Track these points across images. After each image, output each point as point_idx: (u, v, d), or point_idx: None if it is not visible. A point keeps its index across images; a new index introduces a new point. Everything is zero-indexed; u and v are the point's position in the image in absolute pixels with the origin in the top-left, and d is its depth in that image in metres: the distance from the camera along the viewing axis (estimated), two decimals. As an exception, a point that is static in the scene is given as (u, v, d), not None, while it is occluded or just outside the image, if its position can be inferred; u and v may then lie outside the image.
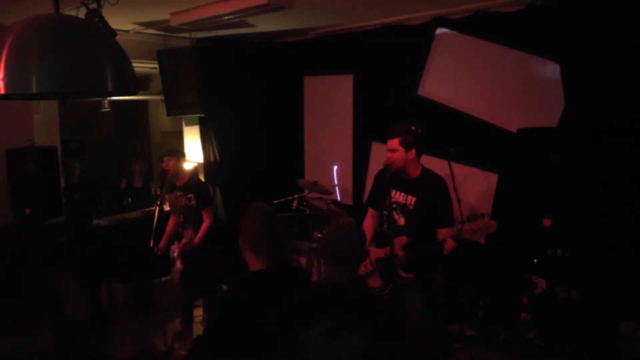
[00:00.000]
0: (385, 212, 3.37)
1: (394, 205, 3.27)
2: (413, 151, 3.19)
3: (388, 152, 3.23)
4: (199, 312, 4.68)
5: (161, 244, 4.41)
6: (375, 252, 3.37)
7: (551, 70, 3.95)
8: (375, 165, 5.03)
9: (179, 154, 4.43)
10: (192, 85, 5.34)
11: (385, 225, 3.40)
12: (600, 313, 3.62)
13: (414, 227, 3.23)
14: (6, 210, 4.06)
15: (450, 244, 2.98)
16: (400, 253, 3.19)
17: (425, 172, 3.28)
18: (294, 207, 4.98)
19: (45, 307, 4.19)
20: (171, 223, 4.57)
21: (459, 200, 3.88)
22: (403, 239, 3.22)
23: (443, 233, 3.13)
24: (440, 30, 4.57)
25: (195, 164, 5.95)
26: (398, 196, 3.30)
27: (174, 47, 5.42)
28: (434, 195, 3.19)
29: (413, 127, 3.19)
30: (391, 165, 3.19)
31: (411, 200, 3.24)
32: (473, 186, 4.44)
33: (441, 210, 3.19)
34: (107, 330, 4.75)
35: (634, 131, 3.53)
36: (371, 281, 3.35)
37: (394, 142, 3.19)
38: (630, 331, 3.33)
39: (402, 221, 3.28)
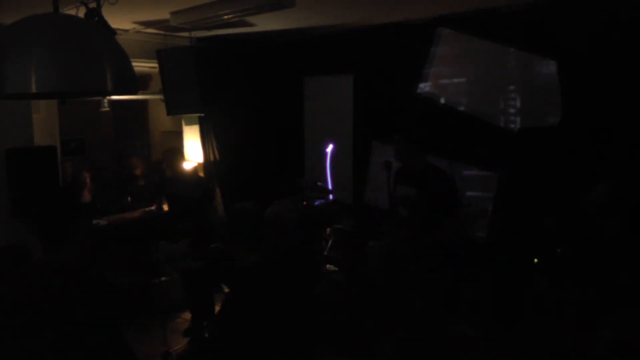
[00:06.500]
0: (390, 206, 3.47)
1: (399, 199, 3.41)
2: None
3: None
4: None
5: None
6: (380, 246, 3.42)
7: (551, 69, 3.94)
8: (375, 164, 5.03)
9: None
10: (192, 85, 5.34)
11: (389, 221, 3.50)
12: (599, 312, 3.61)
13: (417, 219, 3.31)
14: (6, 210, 4.05)
15: (446, 230, 3.04)
16: (404, 244, 3.28)
17: (430, 166, 3.38)
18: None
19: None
20: None
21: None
22: (406, 230, 3.30)
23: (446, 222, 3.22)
24: (440, 30, 4.57)
25: (195, 164, 5.95)
26: (402, 190, 3.42)
27: (174, 47, 5.41)
28: (436, 188, 3.27)
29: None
30: (392, 162, 3.40)
31: (414, 193, 3.34)
32: (473, 186, 4.43)
33: (444, 202, 3.25)
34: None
35: (633, 130, 3.53)
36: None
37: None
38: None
39: (406, 214, 3.39)
